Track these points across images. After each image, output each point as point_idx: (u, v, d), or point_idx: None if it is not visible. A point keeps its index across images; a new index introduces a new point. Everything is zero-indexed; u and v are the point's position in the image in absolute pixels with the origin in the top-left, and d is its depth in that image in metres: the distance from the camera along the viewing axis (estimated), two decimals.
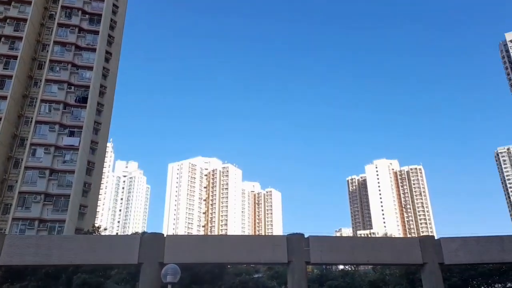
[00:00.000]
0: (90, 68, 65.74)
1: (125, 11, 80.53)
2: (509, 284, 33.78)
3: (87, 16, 68.98)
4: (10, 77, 59.80)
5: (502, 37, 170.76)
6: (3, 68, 60.67)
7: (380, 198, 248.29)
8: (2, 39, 62.61)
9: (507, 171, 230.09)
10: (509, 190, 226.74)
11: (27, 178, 57.27)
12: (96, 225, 66.07)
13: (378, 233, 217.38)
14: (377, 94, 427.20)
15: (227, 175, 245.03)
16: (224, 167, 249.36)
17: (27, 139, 59.32)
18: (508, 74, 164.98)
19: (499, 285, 34.18)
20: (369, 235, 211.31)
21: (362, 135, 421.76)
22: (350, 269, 40.76)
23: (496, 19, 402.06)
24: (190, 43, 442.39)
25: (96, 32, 68.27)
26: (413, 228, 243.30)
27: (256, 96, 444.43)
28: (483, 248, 19.91)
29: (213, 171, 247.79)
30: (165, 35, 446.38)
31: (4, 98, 58.56)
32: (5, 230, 52.86)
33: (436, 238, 20.68)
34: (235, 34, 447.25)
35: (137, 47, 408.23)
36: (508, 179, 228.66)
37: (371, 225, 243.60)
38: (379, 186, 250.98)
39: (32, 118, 60.71)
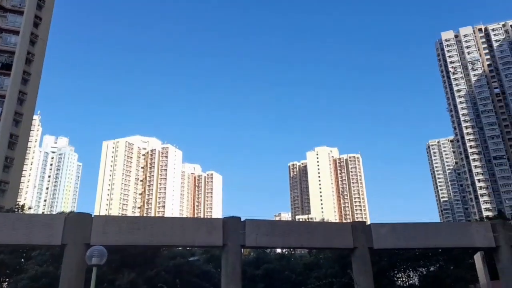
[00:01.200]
0: (16, 33, 60.31)
1: None
2: (432, 268, 35.47)
3: None
4: None
5: (438, 35, 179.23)
6: None
7: (320, 184, 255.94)
8: None
9: (436, 162, 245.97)
10: (437, 179, 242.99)
11: None
12: (20, 203, 61.34)
13: (315, 218, 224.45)
14: (322, 83, 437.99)
15: (166, 156, 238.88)
16: (163, 148, 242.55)
17: None
18: (442, 72, 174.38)
19: (424, 269, 35.83)
20: (307, 220, 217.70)
21: (305, 122, 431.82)
22: (286, 252, 40.74)
23: (434, 17, 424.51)
24: (131, 14, 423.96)
25: None
26: (349, 214, 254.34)
27: (200, 79, 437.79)
28: (410, 234, 21.33)
29: (151, 151, 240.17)
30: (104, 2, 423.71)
31: None
32: None
33: (368, 223, 21.61)
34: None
35: (72, 14, 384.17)
36: (437, 170, 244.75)
37: (309, 210, 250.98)
38: (319, 173, 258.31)
39: None
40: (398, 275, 36.52)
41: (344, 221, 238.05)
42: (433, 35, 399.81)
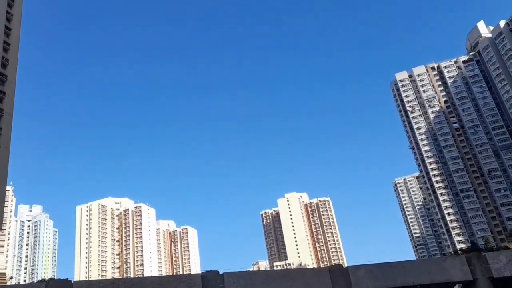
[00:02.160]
0: None
1: (17, 48, 74.71)
2: None
3: None
4: None
5: (392, 75, 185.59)
6: None
7: (293, 229, 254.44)
8: None
9: (405, 200, 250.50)
10: (408, 216, 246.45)
11: None
12: (1, 272, 59.17)
13: (293, 264, 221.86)
14: (287, 131, 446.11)
15: (140, 215, 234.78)
16: (136, 207, 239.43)
17: None
18: (400, 111, 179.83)
19: None
20: (285, 266, 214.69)
21: (273, 170, 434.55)
22: None
23: (386, 57, 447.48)
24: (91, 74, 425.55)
25: None
26: (325, 257, 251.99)
27: (164, 129, 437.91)
28: (387, 274, 21.86)
29: (125, 211, 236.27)
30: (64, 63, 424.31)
31: None
32: None
33: (344, 266, 21.99)
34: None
35: (35, 80, 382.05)
36: (406, 207, 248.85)
37: (286, 256, 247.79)
38: (291, 219, 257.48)
39: None
40: None
41: (321, 264, 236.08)
42: (386, 74, 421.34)
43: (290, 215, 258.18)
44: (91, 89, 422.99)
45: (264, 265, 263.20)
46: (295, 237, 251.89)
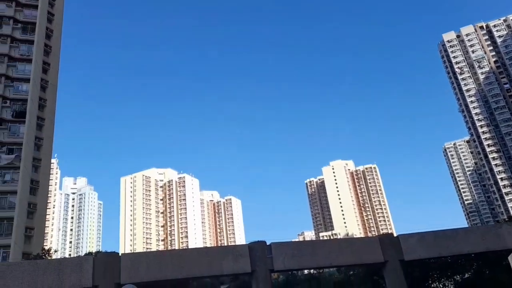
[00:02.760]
0: (26, 80, 61.79)
1: (61, 18, 76.35)
2: (467, 275, 34.44)
3: (19, 25, 65.25)
4: None
5: (439, 37, 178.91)
6: None
7: (339, 198, 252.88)
8: None
9: (455, 165, 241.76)
10: (459, 183, 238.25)
11: None
12: (46, 247, 61.80)
13: (339, 234, 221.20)
14: (329, 95, 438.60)
15: (183, 186, 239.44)
16: (180, 178, 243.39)
17: None
18: (449, 73, 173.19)
19: (458, 276, 34.78)
20: (331, 237, 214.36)
21: (317, 137, 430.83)
22: (314, 272, 40.03)
23: (433, 19, 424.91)
24: (132, 49, 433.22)
25: (31, 42, 64.51)
26: (373, 226, 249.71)
27: (206, 102, 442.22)
28: (440, 242, 20.93)
29: (168, 182, 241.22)
30: (109, 43, 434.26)
31: None
32: None
33: (394, 235, 21.11)
34: (179, 38, 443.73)
35: (78, 56, 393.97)
36: (457, 173, 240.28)
37: (332, 226, 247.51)
38: (337, 187, 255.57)
39: None
40: (432, 285, 35.53)
41: (369, 234, 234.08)
42: (433, 37, 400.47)
43: (336, 183, 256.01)
44: (136, 63, 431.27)
45: (309, 235, 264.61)
46: (341, 206, 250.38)
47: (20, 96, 60.64)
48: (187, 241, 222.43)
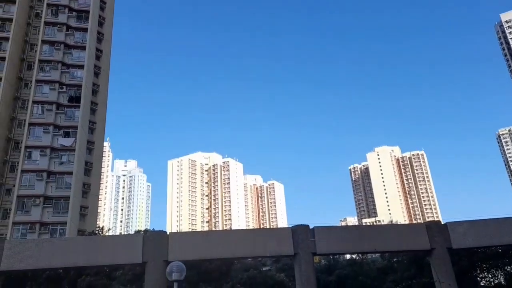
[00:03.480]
0: (81, 67, 64.44)
1: (113, 5, 78.72)
2: None
3: (74, 13, 67.53)
4: None
5: (497, 17, 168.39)
6: None
7: (384, 185, 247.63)
8: None
9: (509, 152, 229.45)
10: None
11: (25, 182, 56.37)
12: (100, 225, 65.27)
13: (383, 221, 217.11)
14: (375, 81, 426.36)
15: (228, 170, 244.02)
16: (224, 162, 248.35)
17: (21, 142, 58.22)
18: (506, 55, 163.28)
19: (510, 267, 33.33)
20: (375, 223, 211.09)
21: (361, 122, 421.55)
22: (357, 258, 39.79)
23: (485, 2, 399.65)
24: (184, 36, 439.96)
25: (84, 30, 66.80)
26: (419, 214, 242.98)
27: (253, 86, 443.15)
28: (492, 231, 20.03)
29: (213, 166, 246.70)
30: (157, 29, 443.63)
31: None
32: (5, 235, 52.22)
33: (442, 222, 20.58)
34: (230, 25, 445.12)
35: (129, 42, 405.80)
36: (511, 160, 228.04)
37: (376, 213, 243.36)
38: (381, 174, 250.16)
39: (25, 121, 59.57)
40: (481, 275, 34.33)
41: (414, 221, 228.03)
42: (489, 16, 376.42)
43: (381, 170, 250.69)
44: (187, 49, 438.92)
45: (352, 221, 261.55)
46: (385, 193, 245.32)
47: (75, 81, 63.40)
48: (231, 224, 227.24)
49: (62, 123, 60.58)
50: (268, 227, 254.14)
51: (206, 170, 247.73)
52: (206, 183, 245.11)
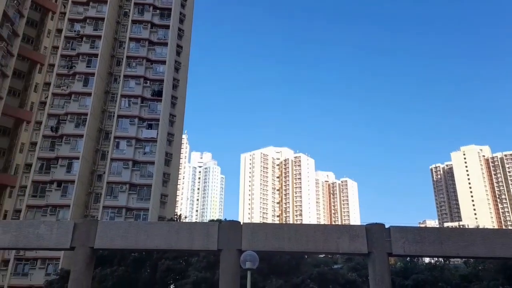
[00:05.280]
0: (163, 62, 67.75)
1: (193, 2, 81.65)
2: None
3: (157, 11, 70.85)
4: (92, 74, 63.48)
5: None
6: (86, 66, 64.43)
7: (470, 187, 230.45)
8: (84, 38, 66.11)
9: None
10: None
11: (113, 169, 60.88)
12: (178, 213, 68.60)
13: (468, 225, 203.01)
14: (459, 78, 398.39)
15: (299, 165, 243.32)
16: (296, 157, 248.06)
17: (111, 133, 62.83)
18: None
19: None
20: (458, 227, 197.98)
21: (443, 121, 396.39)
22: (438, 262, 37.58)
23: None
24: (261, 32, 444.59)
25: (166, 27, 69.90)
26: (510, 220, 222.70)
27: (327, 81, 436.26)
28: None
29: (285, 161, 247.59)
30: (234, 27, 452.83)
31: (89, 94, 62.39)
32: (97, 217, 56.67)
33: None
34: (307, 20, 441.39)
35: (207, 39, 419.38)
36: None
37: (459, 216, 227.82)
38: (468, 175, 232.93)
39: (114, 113, 64.11)
40: None
41: (504, 228, 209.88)
42: None
43: (467, 171, 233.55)
44: (259, 47, 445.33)
45: (432, 224, 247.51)
46: (471, 196, 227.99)
47: (157, 77, 66.88)
48: (301, 219, 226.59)
49: (146, 116, 64.30)
50: None
51: (278, 165, 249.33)
52: (278, 177, 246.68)
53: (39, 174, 58.88)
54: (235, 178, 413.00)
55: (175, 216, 60.32)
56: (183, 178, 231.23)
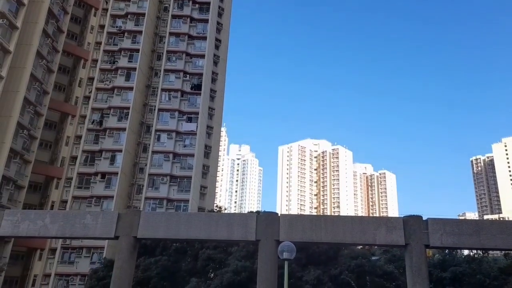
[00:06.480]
0: (202, 56, 68.85)
1: None
2: None
3: (197, 5, 71.72)
4: (134, 69, 65.32)
5: None
6: (128, 61, 66.23)
7: (511, 179, 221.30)
8: (126, 34, 68.01)
9: None
10: None
11: (154, 161, 62.69)
12: (217, 204, 69.89)
13: (508, 218, 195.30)
14: (499, 70, 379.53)
15: (337, 157, 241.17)
16: (333, 149, 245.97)
17: (152, 126, 64.73)
18: None
19: None
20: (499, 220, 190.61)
21: (483, 113, 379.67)
22: (476, 255, 37.01)
23: None
24: (298, 26, 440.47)
25: (205, 21, 70.77)
26: None
27: (365, 74, 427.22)
28: None
29: (322, 153, 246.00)
30: (272, 19, 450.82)
31: (131, 89, 64.37)
32: (139, 207, 58.85)
33: None
34: (345, 20, 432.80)
35: (245, 32, 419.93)
36: None
37: (500, 209, 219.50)
38: (509, 167, 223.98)
39: (155, 106, 65.94)
40: None
41: None
42: None
43: (508, 163, 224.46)
44: (297, 40, 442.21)
45: (472, 217, 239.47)
46: None
47: (197, 70, 68.09)
48: (339, 211, 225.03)
49: (185, 109, 65.76)
50: None
51: (315, 157, 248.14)
52: (315, 169, 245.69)
53: (84, 166, 61.18)
54: (273, 170, 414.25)
55: (216, 208, 61.64)
56: (222, 170, 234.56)
